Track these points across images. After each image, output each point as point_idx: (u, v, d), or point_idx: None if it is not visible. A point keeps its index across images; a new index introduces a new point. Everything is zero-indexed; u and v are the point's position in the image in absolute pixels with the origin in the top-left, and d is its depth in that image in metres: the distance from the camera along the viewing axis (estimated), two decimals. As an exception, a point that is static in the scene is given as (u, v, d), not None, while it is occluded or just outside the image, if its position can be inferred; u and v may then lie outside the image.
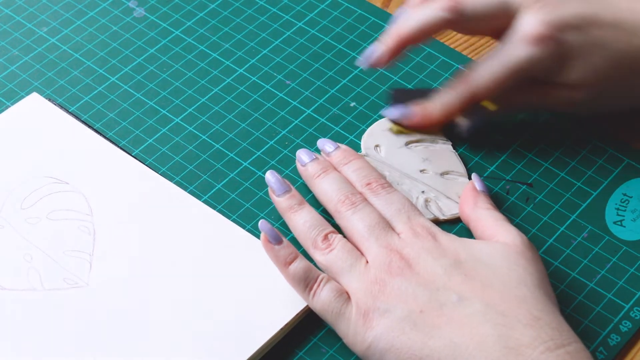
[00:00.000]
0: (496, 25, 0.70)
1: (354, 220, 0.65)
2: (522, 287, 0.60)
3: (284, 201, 0.67)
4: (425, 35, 0.71)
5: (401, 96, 0.75)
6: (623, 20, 0.68)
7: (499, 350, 0.56)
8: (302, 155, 0.71)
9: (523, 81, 0.70)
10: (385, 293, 0.61)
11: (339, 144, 0.71)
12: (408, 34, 0.71)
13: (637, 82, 0.70)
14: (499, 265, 0.61)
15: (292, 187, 0.68)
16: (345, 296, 0.62)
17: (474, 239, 0.65)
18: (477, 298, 0.59)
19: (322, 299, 0.62)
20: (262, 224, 0.65)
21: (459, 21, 0.70)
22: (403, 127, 0.74)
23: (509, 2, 0.69)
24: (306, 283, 0.63)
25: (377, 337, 0.59)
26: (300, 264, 0.63)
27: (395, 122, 0.74)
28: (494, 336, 0.57)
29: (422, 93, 0.74)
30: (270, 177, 0.69)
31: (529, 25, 0.68)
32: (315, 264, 0.65)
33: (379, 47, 0.71)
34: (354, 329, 0.61)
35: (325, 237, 0.65)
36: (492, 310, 0.58)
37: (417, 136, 0.74)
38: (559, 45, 0.68)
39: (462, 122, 0.73)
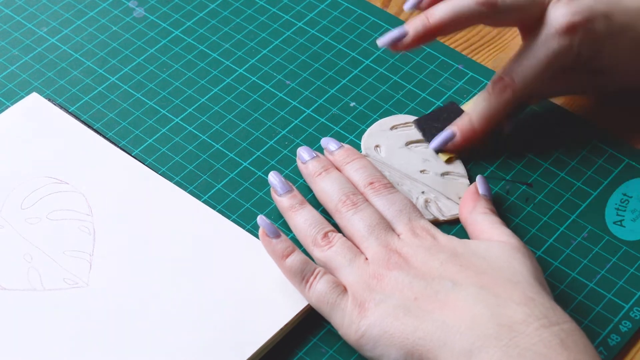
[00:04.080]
0: (524, 17, 0.71)
1: (354, 220, 0.66)
2: (517, 275, 0.60)
3: (286, 200, 0.68)
4: (457, 28, 0.70)
5: (427, 123, 0.74)
6: None
7: (492, 328, 0.57)
8: (303, 152, 0.71)
9: (556, 71, 0.71)
10: (381, 285, 0.61)
11: (343, 144, 0.71)
12: (439, 23, 0.69)
13: None
14: (495, 257, 0.62)
15: (293, 187, 0.69)
16: (341, 288, 0.62)
17: (474, 239, 0.66)
18: (471, 283, 0.60)
19: (318, 290, 0.62)
20: (260, 219, 0.65)
21: (492, 15, 0.69)
22: (452, 153, 0.73)
23: None
24: (302, 275, 0.63)
25: (371, 324, 0.60)
26: (297, 257, 0.64)
27: (441, 151, 0.73)
28: (486, 315, 0.57)
29: (446, 110, 0.74)
30: (273, 177, 0.69)
31: (561, 16, 0.69)
32: (314, 262, 0.65)
33: (407, 31, 0.69)
34: (349, 319, 0.61)
35: (325, 235, 0.65)
36: (485, 291, 0.59)
37: (417, 137, 0.74)
38: (590, 33, 0.69)
39: (504, 124, 0.73)
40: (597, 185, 0.72)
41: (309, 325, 0.65)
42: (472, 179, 0.72)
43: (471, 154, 0.73)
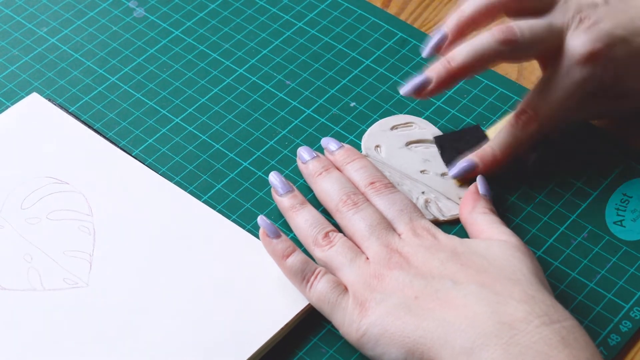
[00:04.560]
0: (544, 49, 0.69)
1: (355, 220, 0.66)
2: (517, 273, 0.60)
3: (287, 201, 0.68)
4: (479, 68, 0.69)
5: (447, 142, 0.73)
6: None
7: (492, 326, 0.57)
8: (303, 152, 0.71)
9: (580, 99, 0.70)
10: (382, 285, 0.61)
11: (343, 144, 0.71)
12: (462, 67, 0.68)
13: None
14: (495, 256, 0.62)
15: (294, 187, 0.69)
16: (342, 287, 0.63)
17: (474, 239, 0.66)
18: (471, 282, 0.60)
19: (319, 290, 0.62)
20: (261, 219, 0.65)
21: (514, 52, 0.68)
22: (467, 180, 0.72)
23: (553, 24, 0.69)
24: (303, 275, 0.63)
25: (372, 323, 0.60)
26: (297, 256, 0.64)
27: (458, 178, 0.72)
28: (486, 312, 0.57)
29: (469, 133, 0.73)
30: (274, 177, 0.69)
31: (582, 45, 0.68)
32: (315, 262, 0.65)
33: (431, 78, 0.68)
34: (349, 318, 0.61)
35: (326, 234, 0.65)
36: (486, 290, 0.59)
37: (417, 137, 0.74)
38: (611, 59, 0.68)
39: (529, 154, 0.72)
40: (597, 185, 0.72)
41: (309, 325, 0.65)
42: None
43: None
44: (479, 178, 0.69)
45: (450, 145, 0.73)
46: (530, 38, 0.68)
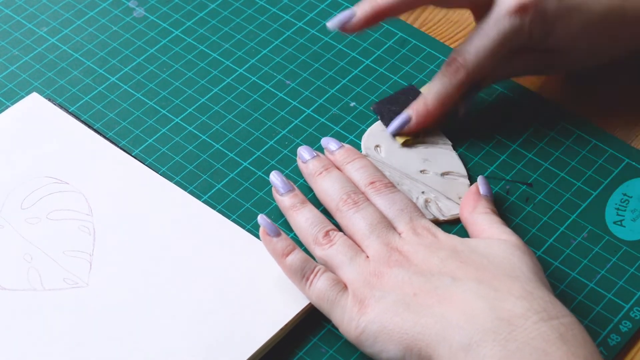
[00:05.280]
0: (473, 0, 0.71)
1: (355, 219, 0.66)
2: (517, 271, 0.60)
3: (287, 200, 0.68)
4: (405, 8, 0.71)
5: (385, 107, 0.74)
6: None
7: (490, 322, 0.57)
8: (303, 152, 0.71)
9: (509, 51, 0.72)
10: (382, 282, 0.61)
11: (343, 144, 0.71)
12: (388, 5, 0.70)
13: (606, 40, 0.73)
14: (495, 254, 0.62)
15: (295, 186, 0.69)
16: (341, 285, 0.63)
17: (474, 239, 0.66)
18: (470, 279, 0.60)
19: (319, 288, 0.63)
20: (261, 218, 0.65)
21: None
22: (408, 135, 0.73)
23: None
24: (303, 273, 0.63)
25: (370, 321, 0.60)
26: (297, 255, 0.64)
27: (398, 135, 0.73)
28: (485, 308, 0.57)
29: (404, 93, 0.74)
30: (274, 177, 0.69)
31: None
32: (315, 261, 0.65)
33: (356, 13, 0.71)
34: (349, 316, 0.61)
35: (327, 233, 0.65)
36: (485, 286, 0.59)
37: (417, 137, 0.74)
38: (541, 12, 0.70)
39: (459, 105, 0.73)
40: (597, 185, 0.72)
41: (309, 325, 0.65)
42: (472, 179, 0.72)
43: (472, 153, 0.73)
44: (479, 178, 0.69)
45: (388, 109, 0.74)
46: None
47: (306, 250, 0.66)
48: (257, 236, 0.67)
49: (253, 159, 0.74)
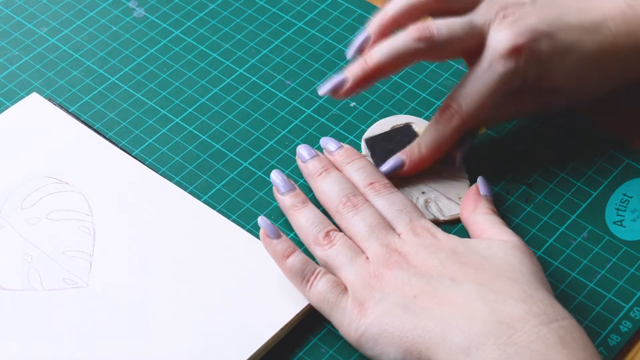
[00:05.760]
0: (464, 47, 0.69)
1: (354, 221, 0.66)
2: (516, 272, 0.60)
3: (288, 199, 0.68)
4: (397, 67, 0.69)
5: (378, 143, 0.73)
6: (583, 19, 0.70)
7: (490, 325, 0.57)
8: (302, 151, 0.71)
9: (504, 95, 0.70)
10: (381, 284, 0.61)
11: (342, 144, 0.71)
12: (378, 66, 0.68)
13: (601, 75, 0.72)
14: (495, 255, 0.62)
15: (296, 186, 0.69)
16: (341, 287, 0.63)
17: (474, 239, 0.66)
18: (470, 281, 0.60)
19: (319, 290, 0.63)
20: (261, 219, 0.65)
21: (431, 50, 0.68)
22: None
23: (474, 21, 0.69)
24: (303, 275, 0.63)
25: (370, 323, 0.60)
26: (297, 257, 0.64)
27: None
28: (484, 311, 0.57)
29: (399, 132, 0.73)
30: (275, 176, 0.69)
31: (503, 40, 0.68)
32: (315, 261, 0.65)
33: (347, 78, 0.69)
34: (349, 318, 0.61)
35: (327, 234, 0.65)
36: (484, 288, 0.59)
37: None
38: (535, 54, 0.68)
39: (456, 152, 0.72)
40: (597, 185, 0.72)
41: (309, 325, 0.65)
42: (472, 179, 0.72)
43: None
44: (479, 179, 0.69)
45: (381, 146, 0.73)
46: (447, 35, 0.68)
47: (306, 251, 0.66)
48: (257, 236, 0.67)
49: (253, 159, 0.74)
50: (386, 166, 0.71)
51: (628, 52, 0.71)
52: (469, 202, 0.68)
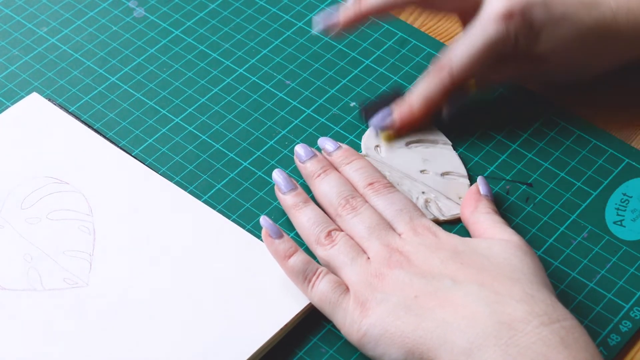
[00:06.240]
0: (460, 5, 0.72)
1: (354, 223, 0.66)
2: (518, 272, 0.60)
3: (290, 198, 0.68)
4: (390, 9, 0.72)
5: (373, 108, 0.74)
6: None
7: (491, 326, 0.57)
8: (300, 150, 0.71)
9: (495, 58, 0.72)
10: (383, 284, 0.61)
11: (340, 144, 0.71)
12: (372, 6, 0.72)
13: (596, 52, 0.73)
14: (496, 255, 0.62)
15: (298, 185, 0.69)
16: (343, 287, 0.62)
17: (474, 239, 0.66)
18: (471, 281, 0.60)
19: (321, 290, 0.62)
20: (263, 219, 0.65)
21: None
22: (391, 134, 0.73)
23: None
24: (305, 275, 0.63)
25: (372, 324, 0.60)
26: (299, 257, 0.64)
27: (382, 132, 0.73)
28: (485, 312, 0.57)
29: (392, 96, 0.74)
30: (277, 175, 0.69)
31: (498, 3, 0.70)
32: (317, 261, 0.65)
33: (340, 13, 0.72)
34: (350, 318, 0.61)
35: (329, 233, 0.65)
36: (485, 289, 0.59)
37: (417, 137, 0.74)
38: (527, 20, 0.70)
39: (443, 108, 0.73)
40: (597, 185, 0.72)
41: (309, 325, 0.65)
42: (472, 179, 0.72)
43: (472, 153, 0.73)
44: (479, 178, 0.69)
45: (374, 109, 0.74)
46: None
47: (307, 250, 0.66)
48: (258, 236, 0.67)
49: (253, 159, 0.74)
50: (375, 118, 0.72)
51: (628, 32, 0.72)
52: (470, 201, 0.68)
